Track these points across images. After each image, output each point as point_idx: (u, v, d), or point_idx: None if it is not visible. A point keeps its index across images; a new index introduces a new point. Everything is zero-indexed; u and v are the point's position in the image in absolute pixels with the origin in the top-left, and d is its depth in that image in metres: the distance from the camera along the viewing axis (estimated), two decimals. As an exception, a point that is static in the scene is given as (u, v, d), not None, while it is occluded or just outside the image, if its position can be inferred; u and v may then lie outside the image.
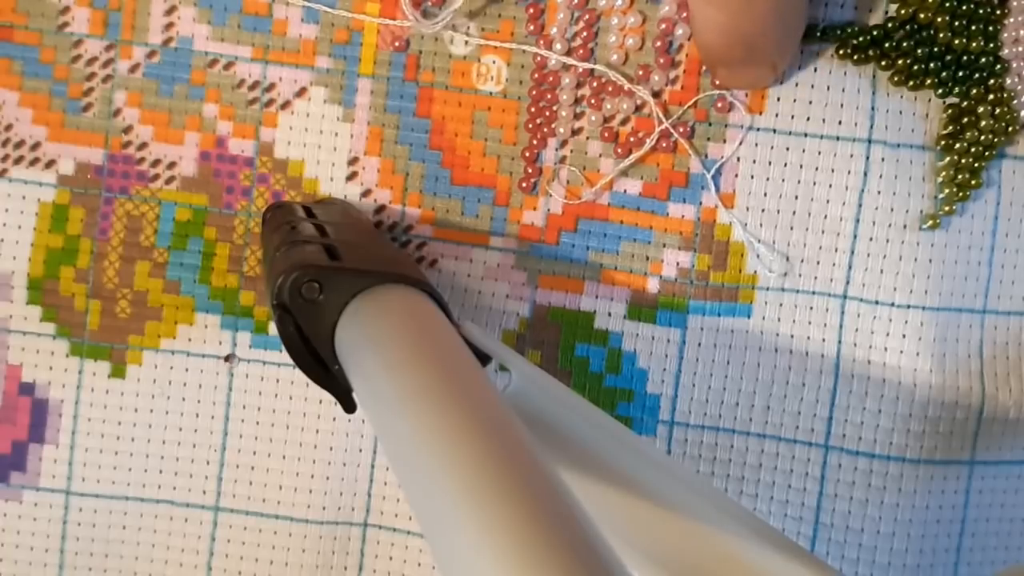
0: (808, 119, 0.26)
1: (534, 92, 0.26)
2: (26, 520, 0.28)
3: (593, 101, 0.26)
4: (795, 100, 0.26)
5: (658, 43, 0.26)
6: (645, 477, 0.22)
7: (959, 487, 0.27)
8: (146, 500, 0.28)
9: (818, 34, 0.25)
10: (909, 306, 0.26)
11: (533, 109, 0.26)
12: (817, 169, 0.26)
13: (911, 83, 0.25)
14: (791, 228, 0.26)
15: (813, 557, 0.21)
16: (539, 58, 0.26)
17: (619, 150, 0.26)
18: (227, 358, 0.28)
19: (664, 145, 0.26)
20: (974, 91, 0.25)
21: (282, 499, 0.28)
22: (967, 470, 0.27)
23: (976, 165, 0.26)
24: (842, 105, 0.26)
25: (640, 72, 0.26)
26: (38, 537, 0.28)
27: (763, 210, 0.26)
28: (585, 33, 0.26)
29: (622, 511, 0.22)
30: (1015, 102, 0.25)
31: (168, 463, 0.28)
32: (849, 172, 0.26)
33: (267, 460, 0.28)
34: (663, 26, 0.26)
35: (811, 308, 0.26)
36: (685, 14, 0.26)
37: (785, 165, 0.26)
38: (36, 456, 0.28)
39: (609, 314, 0.27)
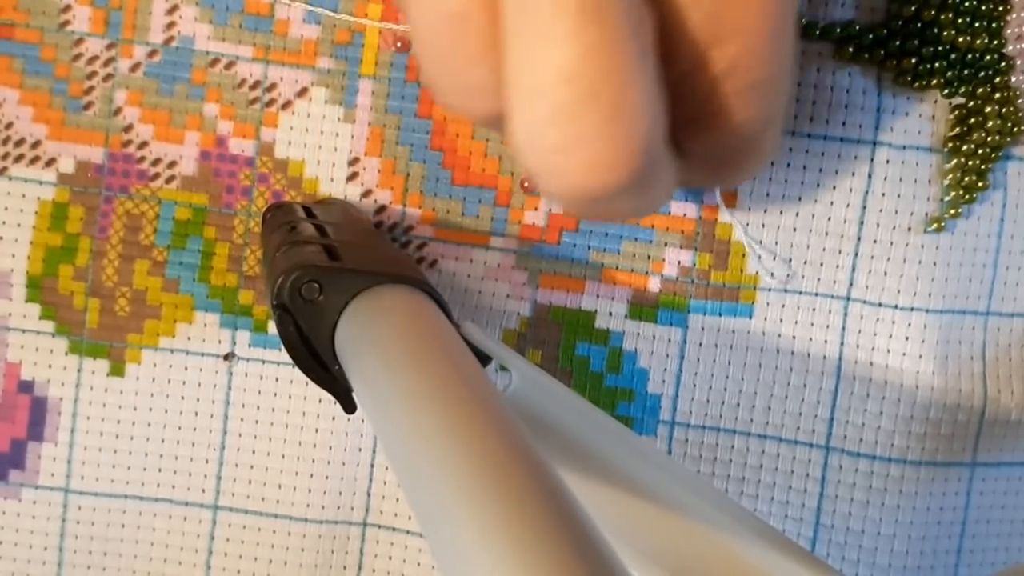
0: (811, 120, 0.26)
1: (536, 91, 0.26)
2: (25, 518, 0.28)
3: (595, 101, 0.26)
4: (798, 100, 0.26)
5: (660, 43, 0.26)
6: (645, 477, 0.22)
7: (960, 489, 0.27)
8: (145, 499, 0.28)
9: (817, 33, 0.25)
10: (912, 308, 0.26)
11: (535, 108, 0.26)
12: (821, 171, 0.26)
13: (916, 83, 0.25)
14: (794, 229, 0.26)
15: (814, 558, 0.21)
16: (541, 57, 0.26)
17: (621, 150, 0.26)
18: (226, 356, 0.28)
19: (666, 145, 0.26)
20: (980, 90, 0.25)
21: (282, 499, 0.28)
22: (968, 472, 0.27)
23: (983, 167, 0.25)
24: (846, 106, 0.26)
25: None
26: (37, 535, 0.28)
27: (765, 211, 0.26)
28: (587, 32, 0.26)
29: (622, 511, 0.22)
30: (1021, 100, 0.25)
31: (167, 462, 0.28)
32: (853, 174, 0.26)
33: (267, 459, 0.28)
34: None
35: (813, 309, 0.26)
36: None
37: (788, 166, 0.26)
38: (35, 454, 0.28)
39: (610, 313, 0.27)
